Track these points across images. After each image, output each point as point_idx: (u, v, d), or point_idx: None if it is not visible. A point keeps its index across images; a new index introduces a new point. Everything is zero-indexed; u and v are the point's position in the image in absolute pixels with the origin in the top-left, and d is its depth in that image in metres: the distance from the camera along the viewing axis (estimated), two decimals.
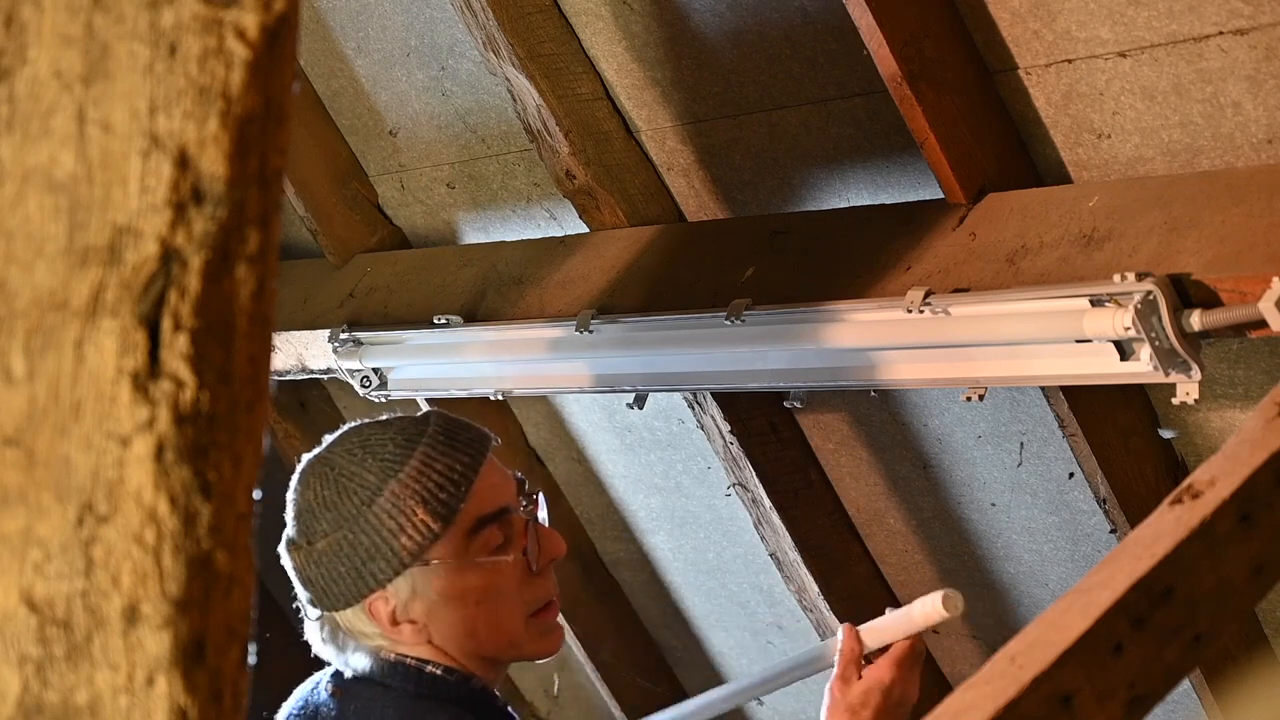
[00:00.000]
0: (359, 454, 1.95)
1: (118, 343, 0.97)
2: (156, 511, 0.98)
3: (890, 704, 2.01)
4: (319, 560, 1.97)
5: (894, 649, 2.03)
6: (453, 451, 1.95)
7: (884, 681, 2.01)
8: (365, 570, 1.94)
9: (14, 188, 0.98)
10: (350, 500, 1.94)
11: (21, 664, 0.99)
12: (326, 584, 1.97)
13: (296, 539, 2.00)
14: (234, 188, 0.98)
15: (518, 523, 1.99)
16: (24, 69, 0.98)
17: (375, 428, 1.99)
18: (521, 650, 2.02)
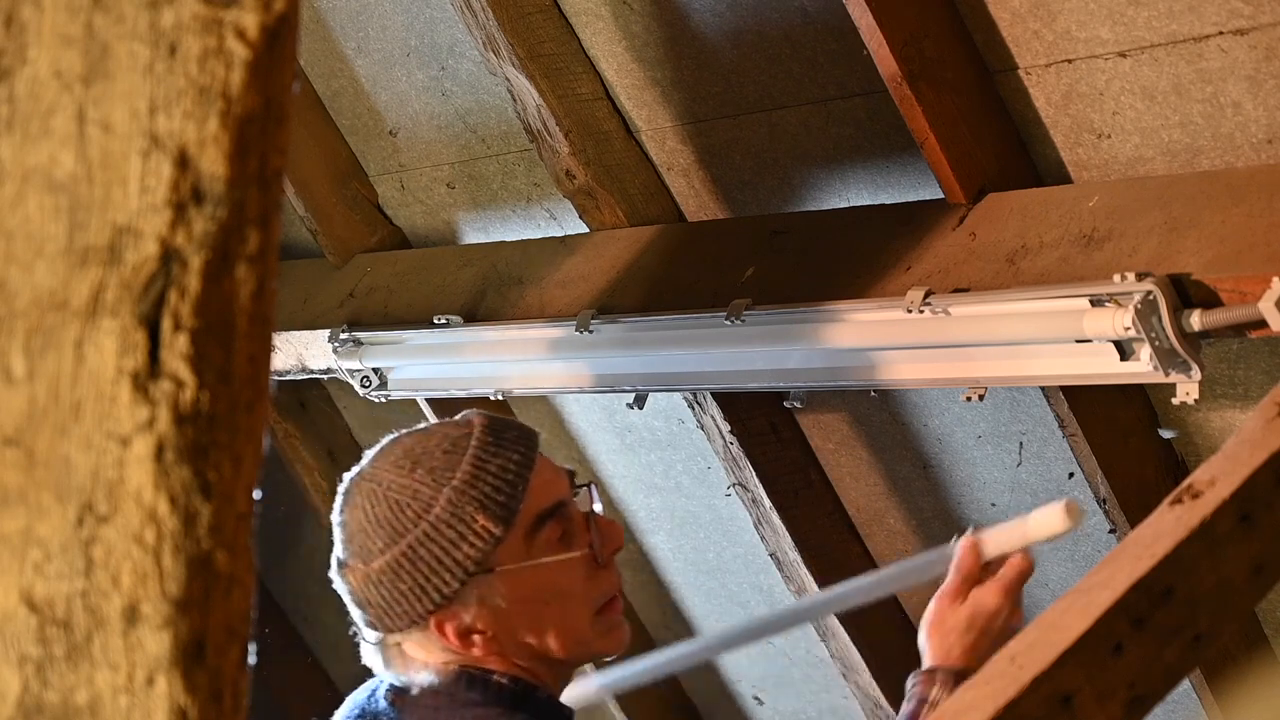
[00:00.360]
0: (406, 466, 1.88)
1: (118, 343, 0.97)
2: (156, 511, 0.98)
3: (994, 630, 1.96)
4: (377, 581, 1.87)
5: (1004, 574, 1.97)
6: (503, 451, 1.89)
7: (990, 608, 1.96)
8: (429, 585, 1.85)
9: (14, 188, 0.98)
10: (404, 515, 1.86)
11: (21, 664, 0.99)
12: (388, 604, 1.87)
13: (349, 561, 1.89)
14: (234, 188, 0.99)
15: (576, 516, 1.93)
16: (24, 69, 0.98)
17: (417, 438, 1.91)
18: (590, 648, 1.95)
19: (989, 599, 1.97)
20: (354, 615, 1.93)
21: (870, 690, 2.93)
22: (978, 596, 1.97)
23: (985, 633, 1.97)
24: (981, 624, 1.97)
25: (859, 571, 2.87)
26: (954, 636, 1.97)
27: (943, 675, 1.96)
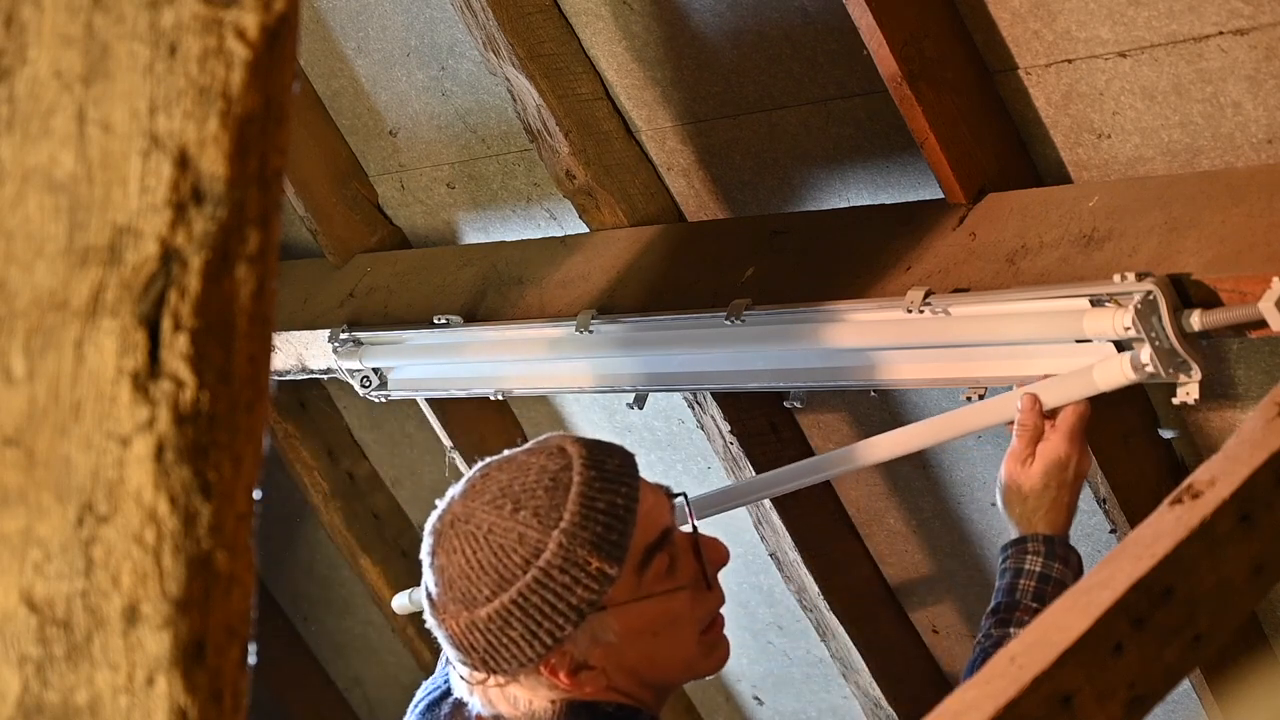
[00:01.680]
0: (506, 507, 1.79)
1: (118, 343, 0.97)
2: (156, 511, 0.98)
3: (1068, 480, 1.96)
4: (485, 628, 1.79)
5: (1065, 422, 1.97)
6: (610, 486, 1.82)
7: (1060, 458, 1.96)
8: (540, 630, 1.78)
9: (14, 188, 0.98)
10: (511, 560, 1.77)
11: (21, 664, 0.99)
12: (495, 650, 1.80)
13: (449, 606, 1.81)
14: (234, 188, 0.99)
15: (680, 541, 1.89)
16: (24, 69, 0.98)
17: (511, 474, 1.83)
18: (694, 670, 1.92)
19: (1056, 451, 1.96)
20: (451, 656, 1.86)
21: (870, 690, 2.93)
22: (1045, 451, 1.96)
23: (1060, 485, 1.96)
24: (1056, 478, 1.96)
25: (859, 571, 2.88)
26: (1033, 500, 1.97)
27: (1033, 544, 1.96)
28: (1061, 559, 1.95)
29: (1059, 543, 1.96)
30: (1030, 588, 1.94)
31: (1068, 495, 1.97)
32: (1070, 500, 1.98)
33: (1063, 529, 1.98)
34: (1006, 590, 1.95)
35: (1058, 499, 1.96)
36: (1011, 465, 1.98)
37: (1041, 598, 1.92)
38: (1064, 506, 1.97)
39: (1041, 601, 1.92)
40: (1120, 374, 1.88)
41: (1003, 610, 1.94)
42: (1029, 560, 1.95)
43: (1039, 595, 1.93)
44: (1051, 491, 1.96)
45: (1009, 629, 1.92)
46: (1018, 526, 1.98)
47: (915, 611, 2.92)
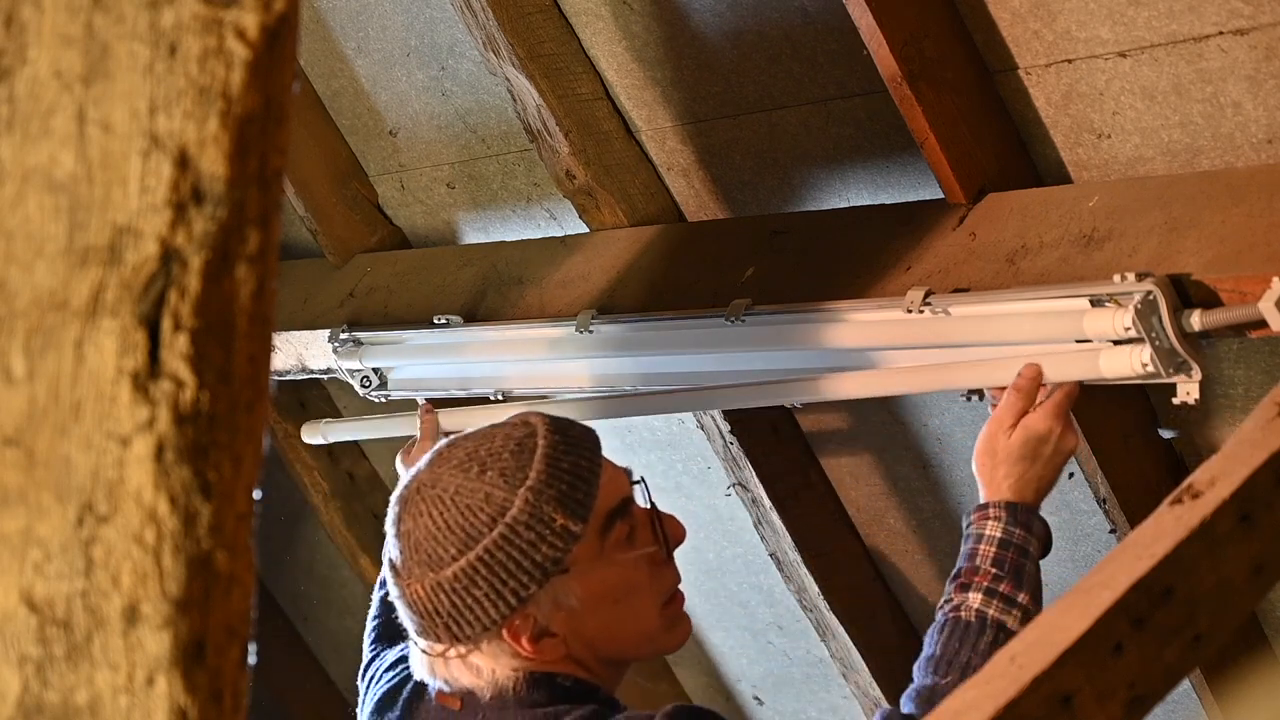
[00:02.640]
0: (473, 470, 1.84)
1: (118, 343, 0.97)
2: (156, 511, 0.98)
3: (1046, 455, 1.95)
4: (450, 588, 1.82)
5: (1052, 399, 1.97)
6: (573, 448, 1.87)
7: (1042, 432, 1.95)
8: (505, 589, 1.81)
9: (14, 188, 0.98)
10: (477, 519, 1.82)
11: (21, 664, 0.99)
12: (459, 612, 1.83)
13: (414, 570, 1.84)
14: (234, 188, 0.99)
15: (639, 513, 1.93)
16: (24, 69, 0.98)
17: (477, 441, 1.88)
18: (655, 644, 1.96)
19: (1040, 424, 1.95)
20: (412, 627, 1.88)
21: (870, 690, 2.93)
22: (1028, 423, 1.95)
23: (1036, 458, 1.96)
24: (1033, 450, 1.95)
25: (859, 572, 2.88)
26: (1005, 467, 1.96)
27: (995, 509, 1.96)
28: (1024, 525, 1.94)
29: (1021, 509, 1.95)
30: (990, 553, 1.93)
31: (1042, 469, 1.96)
32: (1046, 475, 1.97)
33: (1032, 501, 1.97)
34: (968, 556, 1.95)
35: (1030, 471, 1.95)
36: (993, 429, 1.97)
37: (1001, 563, 1.92)
38: (1036, 480, 1.96)
39: (1000, 567, 1.92)
40: (1127, 365, 1.88)
41: (963, 575, 1.94)
42: (990, 526, 1.95)
43: (998, 561, 1.93)
44: (1026, 463, 1.95)
45: (968, 594, 1.92)
46: (984, 491, 1.98)
47: (915, 611, 2.92)
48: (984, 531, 1.95)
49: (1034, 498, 1.97)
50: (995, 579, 1.91)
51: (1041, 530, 1.96)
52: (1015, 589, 1.91)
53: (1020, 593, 1.91)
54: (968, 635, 1.90)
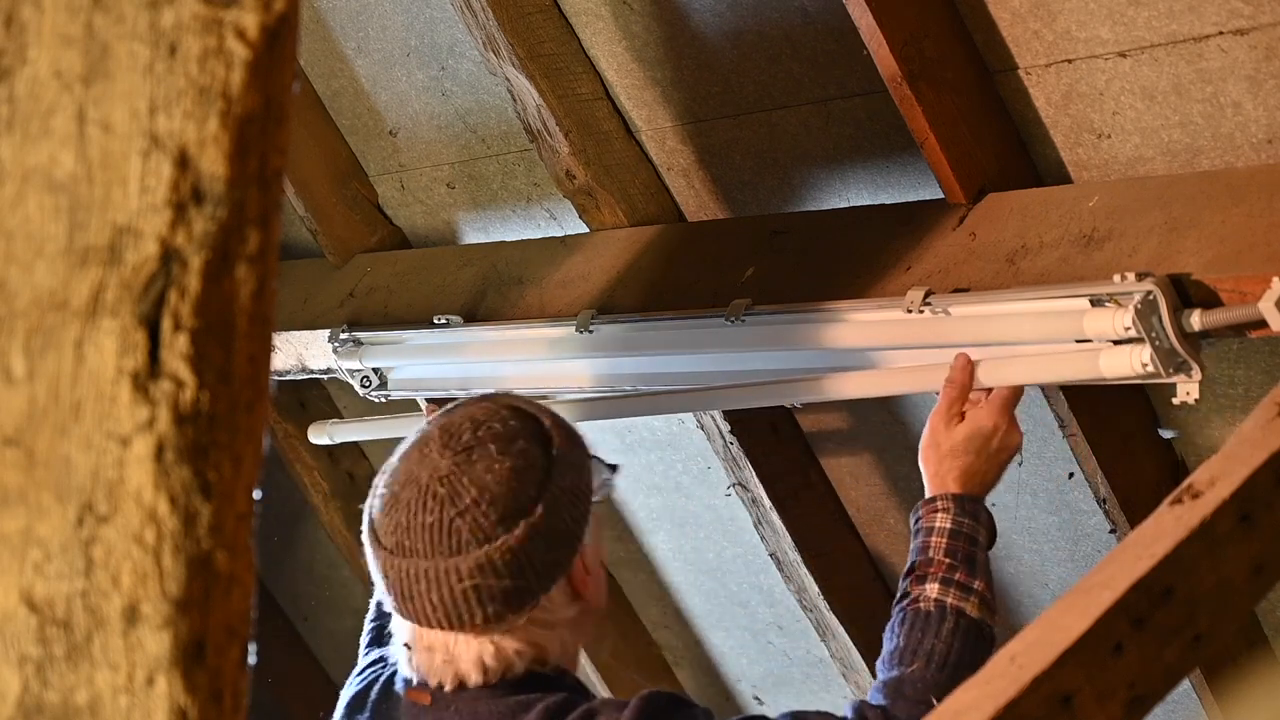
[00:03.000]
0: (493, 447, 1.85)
1: (118, 343, 0.97)
2: (156, 511, 0.98)
3: (991, 450, 1.99)
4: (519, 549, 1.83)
5: (997, 394, 2.00)
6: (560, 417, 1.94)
7: (986, 427, 1.99)
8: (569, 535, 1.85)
9: (14, 188, 0.98)
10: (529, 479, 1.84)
11: (21, 664, 0.99)
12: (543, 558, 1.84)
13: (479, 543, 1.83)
14: (234, 188, 0.99)
15: None
16: (24, 69, 0.98)
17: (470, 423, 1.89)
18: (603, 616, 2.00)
19: (983, 419, 1.98)
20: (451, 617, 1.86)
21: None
22: (973, 416, 1.99)
23: (980, 453, 1.99)
24: (978, 445, 1.99)
25: (859, 572, 2.88)
26: (949, 461, 1.99)
27: (942, 502, 1.99)
28: (971, 515, 1.98)
29: (968, 499, 1.99)
30: (943, 544, 1.97)
31: (986, 464, 1.99)
32: (990, 470, 2.00)
33: (978, 493, 2.00)
34: (920, 549, 1.98)
35: (974, 465, 1.99)
36: (935, 423, 2.00)
37: (954, 553, 1.96)
38: (981, 474, 1.99)
39: (954, 556, 1.95)
40: (1127, 365, 1.88)
41: (918, 568, 1.97)
42: (939, 518, 1.98)
43: (951, 551, 1.96)
44: (969, 457, 1.99)
45: (925, 585, 1.95)
46: (930, 484, 2.01)
47: None
48: (934, 524, 1.98)
49: (979, 490, 2.00)
50: (950, 568, 1.95)
51: (988, 520, 2.00)
52: (970, 577, 1.95)
53: (975, 580, 1.95)
54: (929, 624, 1.93)
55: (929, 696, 1.87)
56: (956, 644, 1.92)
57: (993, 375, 2.04)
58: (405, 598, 1.86)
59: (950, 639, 1.91)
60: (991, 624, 1.96)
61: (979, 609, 1.94)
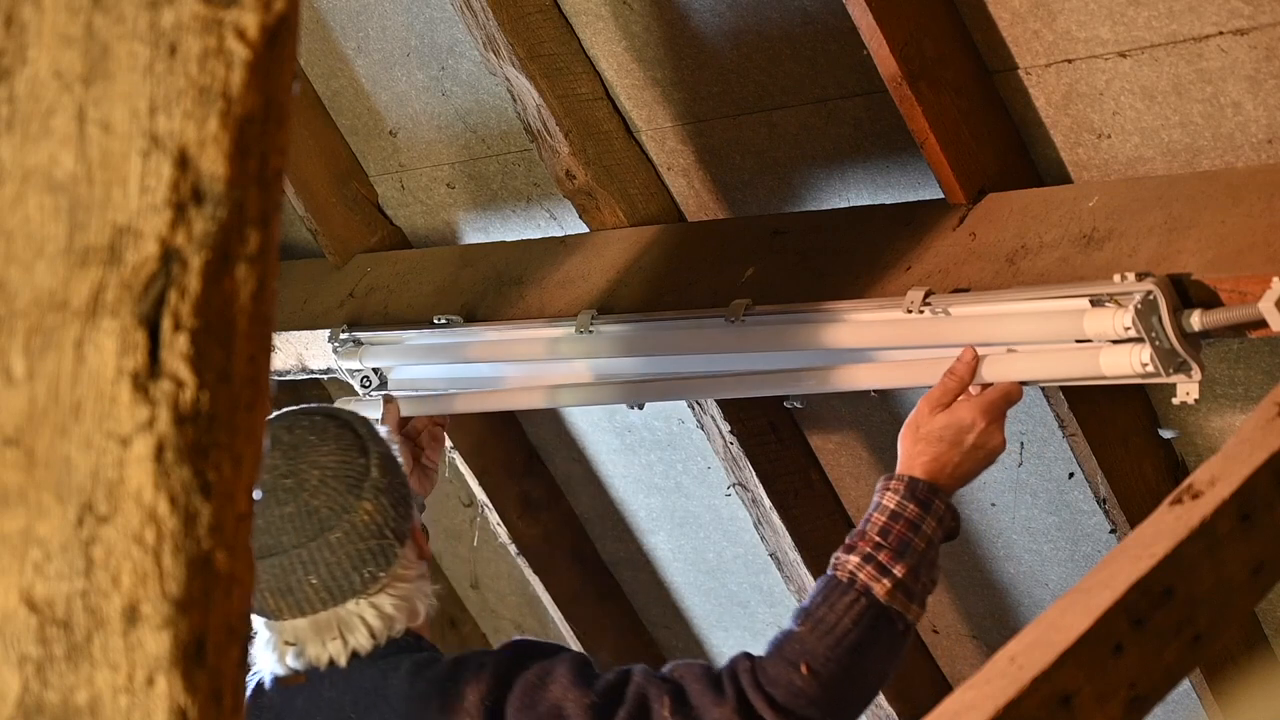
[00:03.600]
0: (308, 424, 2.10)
1: (118, 343, 0.97)
2: (156, 511, 0.98)
3: (967, 446, 2.01)
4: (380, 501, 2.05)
5: (986, 393, 2.02)
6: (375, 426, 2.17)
7: (964, 422, 2.00)
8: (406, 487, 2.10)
9: (14, 188, 0.98)
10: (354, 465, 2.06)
11: (21, 664, 0.99)
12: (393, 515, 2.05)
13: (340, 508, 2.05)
14: (234, 188, 0.99)
15: None
16: (24, 69, 0.98)
17: (272, 431, 2.07)
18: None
19: (963, 414, 2.00)
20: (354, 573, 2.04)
21: None
22: (955, 408, 2.01)
23: (955, 445, 2.01)
24: (953, 436, 2.00)
25: None
26: (922, 445, 2.02)
27: (897, 482, 2.02)
28: (920, 503, 1.99)
29: (923, 486, 2.00)
30: (879, 522, 2.00)
31: (960, 457, 2.00)
32: (963, 465, 2.02)
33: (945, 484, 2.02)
34: (863, 521, 2.02)
35: (947, 455, 2.00)
36: (922, 407, 2.03)
37: (886, 533, 1.99)
38: (953, 466, 2.01)
39: (884, 537, 1.99)
40: (1127, 365, 1.88)
41: (852, 538, 2.01)
42: (887, 496, 2.01)
43: (884, 530, 1.99)
44: (943, 446, 2.00)
45: (849, 555, 1.99)
46: (899, 463, 2.03)
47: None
48: (880, 501, 2.01)
49: (948, 482, 2.02)
50: (876, 547, 1.98)
51: (944, 513, 2.01)
52: (893, 560, 1.97)
53: (898, 564, 1.97)
54: (833, 592, 1.98)
55: (800, 661, 1.92)
56: (848, 620, 1.95)
57: (994, 374, 2.04)
58: (284, 593, 2.03)
59: (845, 613, 1.95)
60: (904, 612, 1.97)
61: (890, 594, 1.96)
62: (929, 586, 2.00)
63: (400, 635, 2.06)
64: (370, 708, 2.03)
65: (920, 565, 1.98)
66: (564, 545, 3.41)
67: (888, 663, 1.97)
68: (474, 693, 1.98)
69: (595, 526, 3.42)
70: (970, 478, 2.03)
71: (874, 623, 1.95)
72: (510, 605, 3.79)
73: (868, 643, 1.94)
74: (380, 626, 2.04)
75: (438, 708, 1.99)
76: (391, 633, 2.05)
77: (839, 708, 1.94)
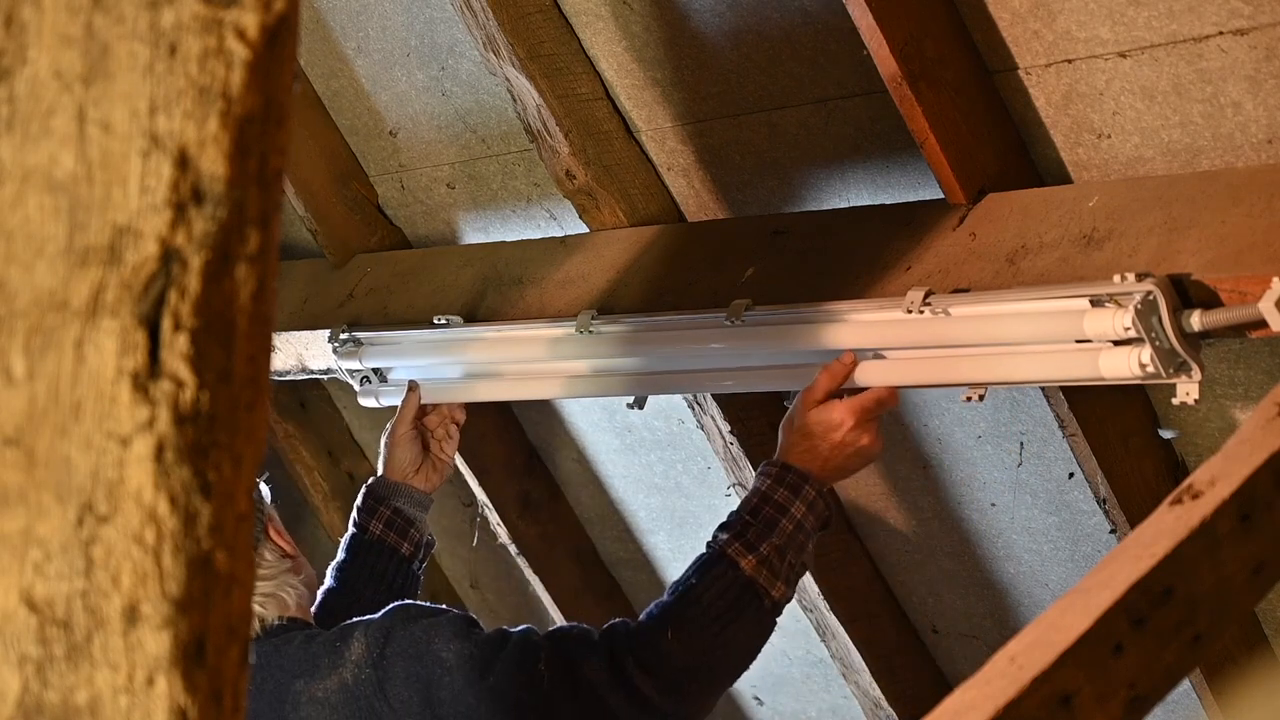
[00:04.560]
0: None
1: (118, 343, 0.97)
2: (156, 511, 0.98)
3: (834, 443, 2.12)
4: None
5: (863, 396, 2.14)
6: None
7: (832, 420, 2.13)
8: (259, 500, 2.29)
9: (14, 188, 0.98)
10: None
11: (21, 664, 0.99)
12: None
13: None
14: (234, 188, 0.99)
15: None
16: (24, 69, 0.98)
17: None
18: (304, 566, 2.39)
19: (833, 412, 2.13)
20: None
21: (870, 690, 2.93)
22: (826, 406, 2.13)
23: (823, 439, 2.13)
24: (820, 432, 2.13)
25: (859, 572, 2.88)
26: (795, 437, 2.15)
27: (771, 468, 2.15)
28: (790, 487, 2.12)
29: (795, 473, 2.12)
30: (752, 502, 2.13)
31: (829, 453, 2.12)
32: (833, 460, 2.13)
33: (816, 474, 2.13)
34: (740, 503, 2.14)
35: (816, 448, 2.12)
36: (802, 397, 2.15)
37: (756, 513, 2.12)
38: (821, 459, 2.13)
39: (755, 516, 2.11)
40: (1127, 365, 1.88)
41: (729, 517, 2.13)
42: (761, 480, 2.15)
43: (754, 510, 2.12)
44: (812, 440, 2.12)
45: (723, 533, 2.11)
46: (777, 450, 2.16)
47: (915, 611, 2.92)
48: (756, 484, 2.15)
49: (820, 473, 2.14)
50: (745, 525, 2.11)
51: (815, 501, 2.13)
52: (760, 538, 2.10)
53: (764, 542, 2.09)
54: (705, 565, 2.10)
55: (667, 627, 2.06)
56: (713, 590, 2.08)
57: (995, 373, 2.04)
58: None
59: (713, 584, 2.08)
60: (768, 586, 2.09)
61: (756, 569, 2.08)
62: (797, 568, 2.12)
63: (282, 623, 2.22)
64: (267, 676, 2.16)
65: (787, 546, 2.10)
66: (564, 545, 3.41)
67: (752, 636, 2.09)
68: (360, 646, 2.11)
69: (595, 526, 3.42)
70: (843, 471, 2.15)
71: (739, 595, 2.07)
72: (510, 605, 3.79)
73: (732, 613, 2.06)
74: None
75: (328, 665, 2.12)
76: (266, 624, 2.22)
77: (703, 674, 2.07)
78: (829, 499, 2.15)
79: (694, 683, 2.06)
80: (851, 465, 2.16)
